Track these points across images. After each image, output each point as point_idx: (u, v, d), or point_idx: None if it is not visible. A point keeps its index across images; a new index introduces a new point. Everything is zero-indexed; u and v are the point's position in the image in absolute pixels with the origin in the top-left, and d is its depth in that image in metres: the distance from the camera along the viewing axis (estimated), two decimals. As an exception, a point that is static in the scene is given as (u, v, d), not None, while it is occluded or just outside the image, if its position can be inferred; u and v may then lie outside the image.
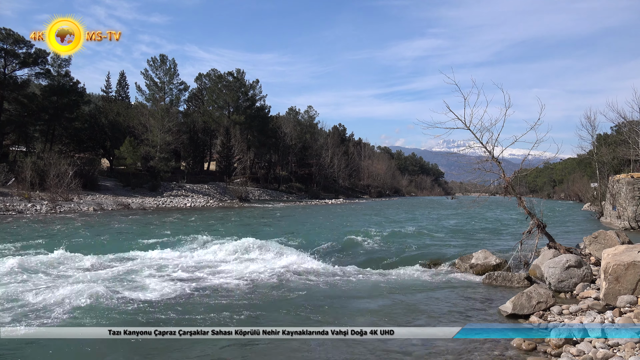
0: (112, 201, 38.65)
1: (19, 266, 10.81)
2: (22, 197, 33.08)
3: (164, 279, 10.54)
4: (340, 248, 15.70)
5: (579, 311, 7.63)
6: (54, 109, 47.02)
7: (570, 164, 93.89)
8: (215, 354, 6.23)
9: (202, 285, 9.99)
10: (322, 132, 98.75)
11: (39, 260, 11.82)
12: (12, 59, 43.32)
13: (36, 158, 38.59)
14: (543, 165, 79.18)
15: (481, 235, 21.22)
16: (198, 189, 54.58)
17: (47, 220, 24.88)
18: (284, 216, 34.35)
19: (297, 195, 72.92)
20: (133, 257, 13.19)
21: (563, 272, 9.51)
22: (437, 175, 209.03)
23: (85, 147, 54.02)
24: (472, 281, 11.17)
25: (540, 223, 12.03)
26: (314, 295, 9.45)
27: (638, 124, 33.65)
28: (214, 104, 69.23)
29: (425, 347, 6.46)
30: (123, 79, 67.47)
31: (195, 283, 10.19)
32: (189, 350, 6.27)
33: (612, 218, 28.05)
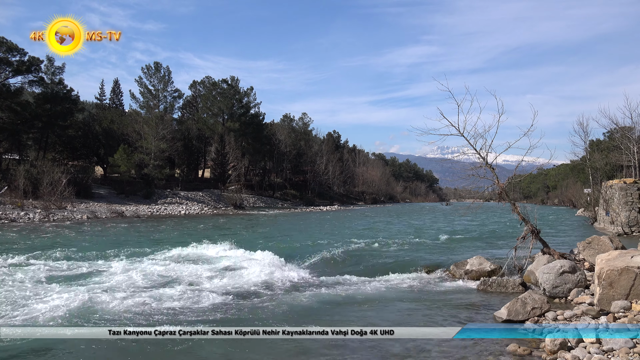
0: (106, 209, 38.42)
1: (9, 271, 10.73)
2: (14, 206, 32.81)
3: (163, 284, 10.47)
4: (335, 255, 15.65)
5: (573, 317, 7.63)
6: (47, 117, 46.79)
7: (563, 170, 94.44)
8: (215, 354, 6.20)
9: (195, 293, 9.92)
10: (317, 139, 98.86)
11: (36, 266, 11.72)
12: (5, 67, 43.14)
13: (29, 166, 38.36)
14: (537, 171, 79.58)
15: (475, 242, 21.25)
16: (192, 196, 54.41)
17: (39, 229, 24.68)
18: (279, 223, 34.28)
19: (292, 202, 72.82)
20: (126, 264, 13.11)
21: (557, 277, 9.54)
22: (432, 181, 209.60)
23: (78, 155, 53.74)
24: (467, 287, 11.17)
25: (534, 229, 12.07)
26: (310, 302, 9.41)
27: (630, 130, 33.99)
28: (208, 111, 69.20)
29: (424, 347, 6.46)
30: (117, 86, 67.47)
31: (192, 289, 10.12)
32: (189, 350, 6.24)
33: (606, 223, 28.19)
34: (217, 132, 64.55)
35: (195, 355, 6.17)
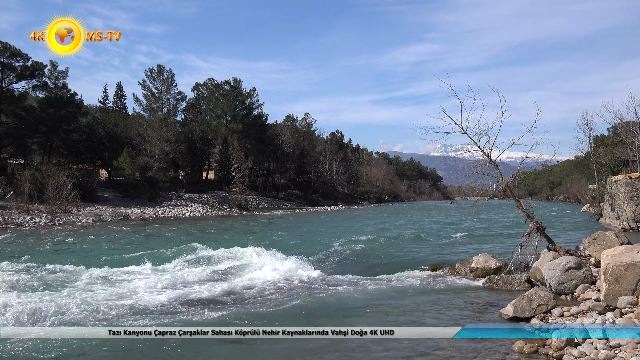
0: (111, 212, 38.57)
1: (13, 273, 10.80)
2: (20, 210, 33.00)
3: (165, 285, 10.51)
4: (339, 254, 15.68)
5: (580, 313, 7.62)
6: (51, 121, 47.06)
7: (568, 166, 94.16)
8: (215, 354, 6.22)
9: (200, 292, 9.96)
10: (320, 139, 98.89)
11: (39, 268, 11.80)
12: (9, 72, 43.46)
13: (34, 170, 38.54)
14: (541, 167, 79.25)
15: (481, 239, 21.22)
16: (197, 198, 54.53)
17: (46, 233, 24.81)
18: (284, 224, 34.31)
19: (296, 203, 72.88)
20: (137, 267, 13.18)
21: (563, 274, 9.51)
22: (436, 179, 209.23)
23: (83, 159, 53.98)
24: (472, 285, 11.15)
25: (539, 225, 12.03)
26: (313, 301, 9.42)
27: (634, 125, 33.80)
28: (211, 113, 69.35)
29: (425, 347, 6.44)
30: (120, 89, 67.71)
31: (195, 290, 10.16)
32: (189, 350, 6.26)
33: (611, 219, 28.06)
34: (220, 134, 64.67)
35: (195, 355, 6.17)
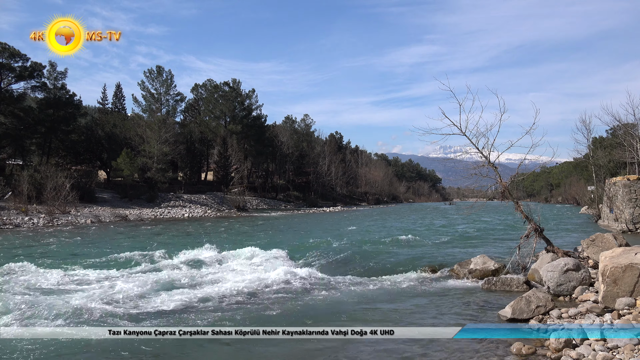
0: (109, 213, 38.54)
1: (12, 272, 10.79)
2: (19, 211, 32.94)
3: (166, 285, 10.50)
4: (339, 256, 15.67)
5: (578, 314, 7.63)
6: (50, 122, 47.00)
7: (566, 168, 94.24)
8: (215, 354, 6.22)
9: (200, 292, 9.95)
10: (319, 140, 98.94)
11: (37, 270, 11.79)
12: (8, 73, 43.38)
13: (33, 171, 38.46)
14: (540, 169, 79.39)
15: (479, 241, 21.23)
16: (196, 199, 54.50)
17: (44, 234, 24.77)
18: (282, 225, 34.30)
19: (295, 204, 72.86)
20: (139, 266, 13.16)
21: (561, 275, 9.52)
22: (435, 181, 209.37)
23: (82, 160, 53.92)
24: (471, 286, 11.16)
25: (537, 227, 12.05)
26: (313, 301, 9.43)
27: (633, 127, 33.90)
28: (210, 114, 69.33)
29: (425, 347, 6.45)
30: (119, 90, 67.81)
31: (195, 290, 10.15)
32: (189, 350, 6.26)
33: (610, 221, 28.11)
34: (219, 135, 64.65)
35: (195, 355, 6.18)
